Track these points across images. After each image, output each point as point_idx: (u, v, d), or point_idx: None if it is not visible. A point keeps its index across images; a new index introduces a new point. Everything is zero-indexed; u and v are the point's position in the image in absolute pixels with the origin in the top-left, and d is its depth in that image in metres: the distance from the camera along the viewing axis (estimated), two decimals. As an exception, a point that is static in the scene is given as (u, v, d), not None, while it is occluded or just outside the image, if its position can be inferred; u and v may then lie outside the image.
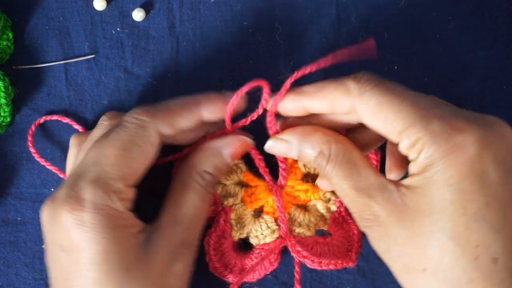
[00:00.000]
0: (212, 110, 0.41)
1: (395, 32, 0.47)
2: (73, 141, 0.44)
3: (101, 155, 0.38)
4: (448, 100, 0.47)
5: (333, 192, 0.45)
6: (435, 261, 0.35)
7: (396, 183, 0.37)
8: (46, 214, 0.38)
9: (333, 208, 0.45)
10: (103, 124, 0.42)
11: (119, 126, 0.39)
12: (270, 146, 0.41)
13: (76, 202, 0.36)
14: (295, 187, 0.45)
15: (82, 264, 0.36)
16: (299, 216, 0.45)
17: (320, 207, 0.45)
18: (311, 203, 0.45)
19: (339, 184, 0.38)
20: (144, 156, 0.39)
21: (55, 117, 0.47)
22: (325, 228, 0.45)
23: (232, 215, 0.44)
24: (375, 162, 0.45)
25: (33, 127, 0.46)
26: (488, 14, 0.48)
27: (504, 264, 0.34)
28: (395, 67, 0.47)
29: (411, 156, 0.36)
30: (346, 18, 0.47)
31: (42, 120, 0.46)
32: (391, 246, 0.37)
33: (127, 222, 0.38)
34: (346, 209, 0.44)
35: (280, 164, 0.44)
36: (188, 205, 0.40)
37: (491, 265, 0.34)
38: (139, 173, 0.39)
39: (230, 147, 0.42)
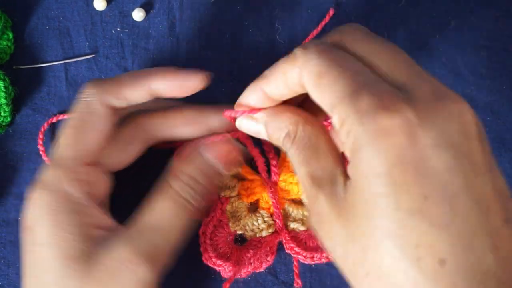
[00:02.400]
0: (163, 84, 0.38)
1: (395, 32, 0.47)
2: None
3: (61, 137, 0.38)
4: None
5: None
6: (376, 264, 0.29)
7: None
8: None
9: None
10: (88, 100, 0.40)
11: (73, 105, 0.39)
12: (241, 123, 0.38)
13: (36, 182, 0.37)
14: (288, 180, 0.45)
15: (35, 245, 0.36)
16: (293, 211, 0.45)
17: None
18: (304, 195, 0.45)
19: (297, 169, 0.34)
20: (95, 130, 0.38)
21: (61, 117, 0.47)
22: None
23: (228, 207, 0.44)
24: None
25: (45, 125, 0.46)
26: (488, 14, 0.48)
27: (455, 266, 0.27)
28: (395, 67, 0.48)
29: (341, 137, 0.31)
30: (346, 18, 0.47)
31: (54, 119, 0.46)
32: (335, 247, 0.32)
33: (82, 208, 0.36)
34: None
35: (271, 161, 0.44)
36: (155, 213, 0.36)
37: (437, 268, 0.28)
38: (95, 148, 0.38)
39: (212, 146, 0.39)
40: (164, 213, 0.36)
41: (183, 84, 0.38)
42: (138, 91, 0.38)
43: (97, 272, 0.35)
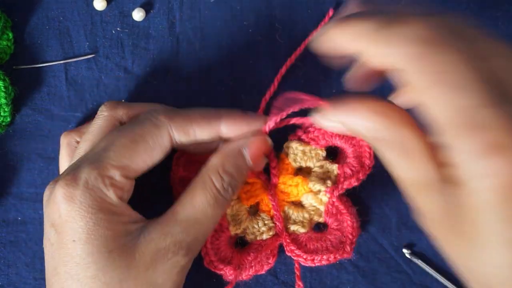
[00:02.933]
0: (232, 128, 0.40)
1: (395, 32, 0.47)
2: (63, 140, 0.44)
3: (109, 143, 0.38)
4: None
5: (323, 182, 0.44)
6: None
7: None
8: (46, 194, 0.39)
9: (325, 199, 0.44)
10: (103, 115, 0.42)
11: (134, 121, 0.39)
12: (318, 119, 0.37)
13: (71, 179, 0.37)
14: (287, 182, 0.45)
15: (68, 242, 0.37)
16: (293, 213, 0.45)
17: (312, 200, 0.44)
18: (303, 197, 0.45)
19: (397, 171, 0.32)
20: (150, 154, 0.39)
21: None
22: (321, 220, 0.45)
23: (229, 211, 0.44)
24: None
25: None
26: (488, 14, 0.48)
27: None
28: (395, 67, 0.48)
29: (447, 157, 0.28)
30: (346, 18, 0.47)
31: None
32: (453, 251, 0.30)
33: (117, 209, 0.38)
34: (339, 199, 0.44)
35: (270, 163, 0.44)
36: (194, 206, 0.39)
37: None
38: (140, 169, 0.39)
39: (250, 146, 0.40)
40: (205, 208, 0.39)
41: (249, 128, 0.41)
42: (208, 132, 0.40)
43: (138, 262, 0.37)
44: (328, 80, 0.47)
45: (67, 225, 0.37)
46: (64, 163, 0.44)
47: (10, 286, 0.46)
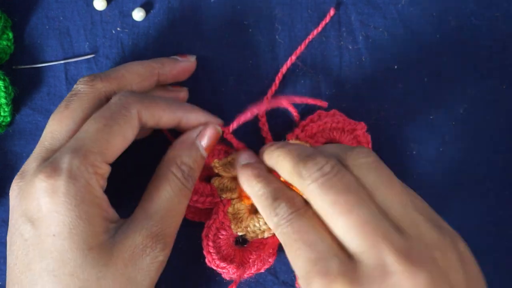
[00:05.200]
0: (192, 121, 0.42)
1: (395, 32, 0.48)
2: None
3: (82, 130, 0.38)
4: (447, 101, 0.47)
5: None
6: None
7: None
8: (16, 188, 0.38)
9: None
10: (81, 92, 0.41)
11: (103, 107, 0.39)
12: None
13: (51, 170, 0.36)
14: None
15: (47, 236, 0.36)
16: None
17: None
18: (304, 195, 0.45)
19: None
20: (123, 136, 0.39)
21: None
22: None
23: (229, 209, 0.44)
24: None
25: None
26: (488, 14, 0.48)
27: None
28: (395, 67, 0.48)
29: None
30: (346, 18, 0.47)
31: None
32: None
33: (99, 201, 0.37)
34: None
35: None
36: (162, 199, 0.39)
37: None
38: (116, 152, 0.39)
39: (203, 137, 0.42)
40: (171, 199, 0.39)
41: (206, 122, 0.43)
42: (171, 120, 0.41)
43: (117, 259, 0.37)
44: (328, 80, 0.47)
45: (47, 219, 0.36)
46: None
47: (10, 286, 0.46)
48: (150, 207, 0.39)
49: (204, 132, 0.42)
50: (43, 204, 0.36)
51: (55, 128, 0.40)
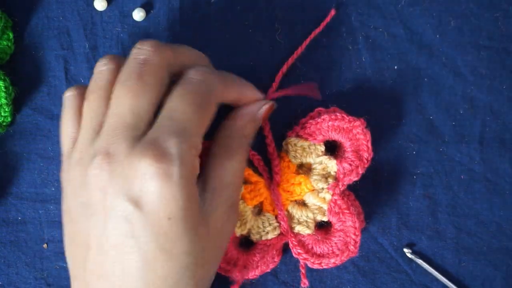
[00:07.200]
0: (250, 97, 0.44)
1: (395, 32, 0.48)
2: (72, 99, 0.42)
3: (177, 109, 0.38)
4: (447, 101, 0.47)
5: (325, 180, 0.44)
6: None
7: None
8: (106, 167, 0.36)
9: (328, 197, 0.44)
10: (108, 68, 0.40)
11: (186, 82, 0.39)
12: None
13: (160, 154, 0.35)
14: (290, 180, 0.45)
15: (161, 219, 0.36)
16: (297, 212, 0.45)
17: (315, 199, 0.44)
18: (306, 196, 0.45)
19: None
20: (212, 116, 0.40)
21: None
22: (324, 219, 0.45)
23: None
24: None
25: None
26: (488, 14, 0.48)
27: None
28: (395, 67, 0.48)
29: None
30: (347, 18, 0.47)
31: None
32: None
33: (195, 181, 0.38)
34: (341, 197, 0.44)
35: (273, 161, 0.44)
36: (235, 169, 0.41)
37: None
38: (204, 131, 0.39)
39: (263, 110, 0.43)
40: (240, 170, 0.42)
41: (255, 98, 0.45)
42: (237, 98, 0.43)
43: (213, 231, 0.39)
44: (328, 80, 0.47)
45: (160, 203, 0.35)
46: (69, 129, 0.41)
47: (10, 286, 0.46)
48: (225, 175, 0.40)
49: (265, 107, 0.43)
50: (154, 187, 0.35)
51: (134, 104, 0.38)
